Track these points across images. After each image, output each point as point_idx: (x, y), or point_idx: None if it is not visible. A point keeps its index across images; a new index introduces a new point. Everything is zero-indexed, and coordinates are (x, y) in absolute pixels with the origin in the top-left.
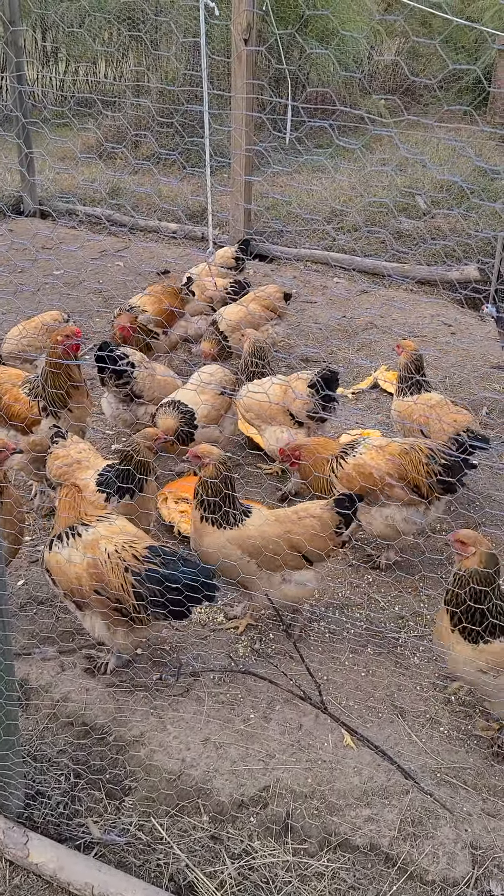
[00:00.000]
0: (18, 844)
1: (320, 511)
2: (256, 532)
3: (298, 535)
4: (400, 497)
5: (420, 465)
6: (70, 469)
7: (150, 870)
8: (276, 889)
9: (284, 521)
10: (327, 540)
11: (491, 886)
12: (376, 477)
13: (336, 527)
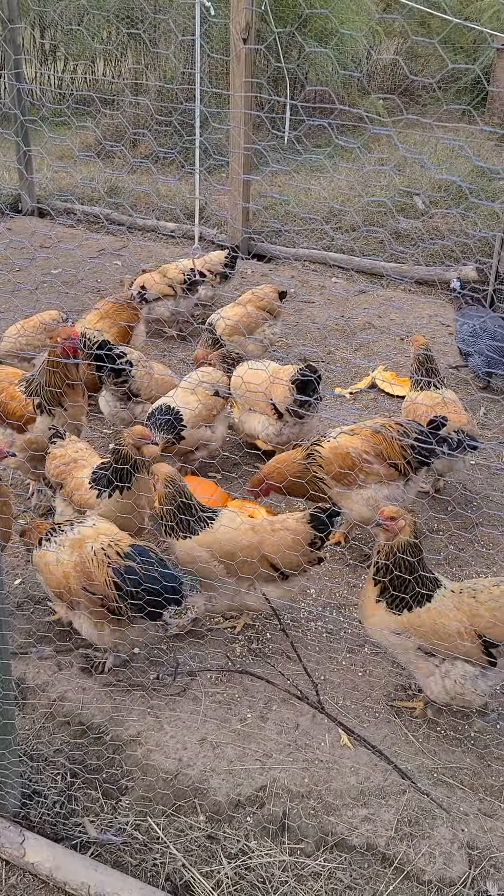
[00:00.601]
0: (15, 844)
1: (295, 524)
2: (226, 538)
3: (271, 546)
4: (378, 473)
5: (393, 441)
6: (68, 468)
7: (146, 869)
8: (272, 889)
9: (259, 531)
10: (300, 555)
11: (487, 886)
12: (353, 456)
13: (310, 542)
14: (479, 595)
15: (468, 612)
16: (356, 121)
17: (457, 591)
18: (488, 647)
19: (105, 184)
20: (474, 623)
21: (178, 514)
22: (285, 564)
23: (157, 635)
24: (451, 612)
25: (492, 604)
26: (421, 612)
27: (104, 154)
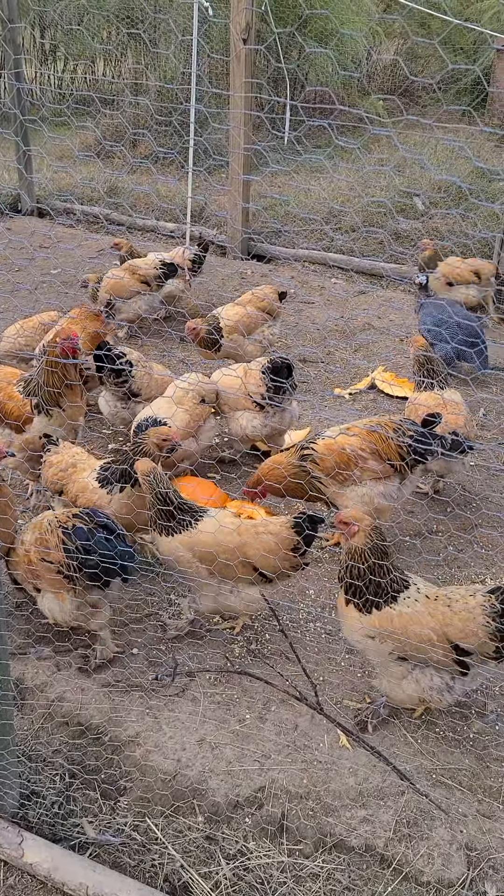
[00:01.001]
0: (13, 844)
1: (279, 528)
2: (210, 538)
3: (254, 550)
4: (375, 471)
5: (389, 439)
6: (66, 473)
7: (144, 870)
8: (270, 890)
9: (242, 534)
10: (282, 559)
11: (486, 888)
12: (349, 454)
13: (294, 547)
14: (454, 604)
15: (441, 620)
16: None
17: (432, 598)
18: (461, 656)
19: (105, 184)
20: (447, 631)
21: (158, 507)
22: (267, 568)
23: (155, 636)
24: (425, 618)
25: (465, 614)
26: (393, 616)
27: (104, 154)
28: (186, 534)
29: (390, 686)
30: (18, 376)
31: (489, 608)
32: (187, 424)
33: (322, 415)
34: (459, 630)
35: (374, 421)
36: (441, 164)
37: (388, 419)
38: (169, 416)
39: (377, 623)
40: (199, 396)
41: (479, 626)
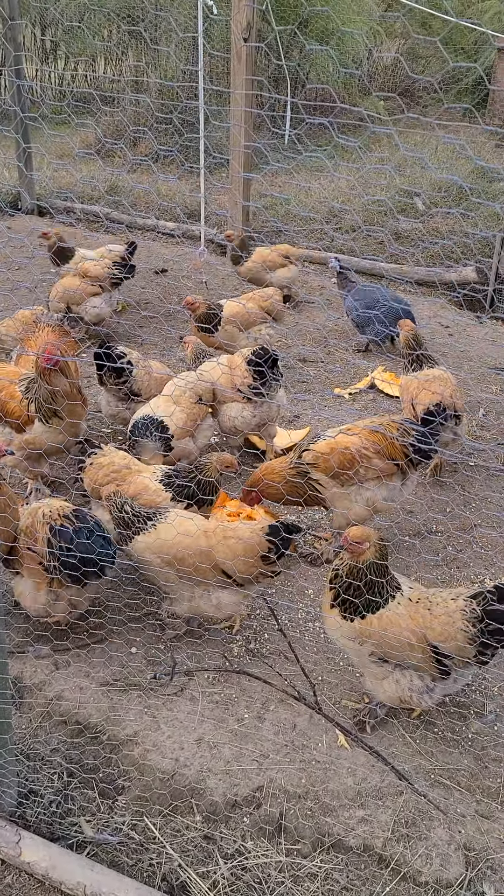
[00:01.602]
0: (10, 843)
1: (249, 534)
2: (176, 542)
3: (222, 555)
4: (379, 470)
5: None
6: (119, 475)
7: (142, 869)
8: (268, 889)
9: (212, 537)
10: (252, 565)
11: (484, 888)
12: (353, 453)
13: (264, 553)
14: (435, 608)
15: (421, 623)
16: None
17: (414, 601)
18: (440, 659)
19: (105, 182)
20: (427, 634)
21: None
22: (236, 574)
23: (154, 635)
24: (405, 620)
25: (444, 618)
26: (372, 620)
27: (104, 152)
28: (151, 536)
29: (373, 686)
30: (20, 375)
31: (469, 613)
32: (185, 424)
33: (322, 415)
34: (438, 633)
35: (374, 421)
36: (442, 163)
37: (390, 419)
38: (167, 414)
39: (358, 628)
40: (197, 396)
41: (457, 630)
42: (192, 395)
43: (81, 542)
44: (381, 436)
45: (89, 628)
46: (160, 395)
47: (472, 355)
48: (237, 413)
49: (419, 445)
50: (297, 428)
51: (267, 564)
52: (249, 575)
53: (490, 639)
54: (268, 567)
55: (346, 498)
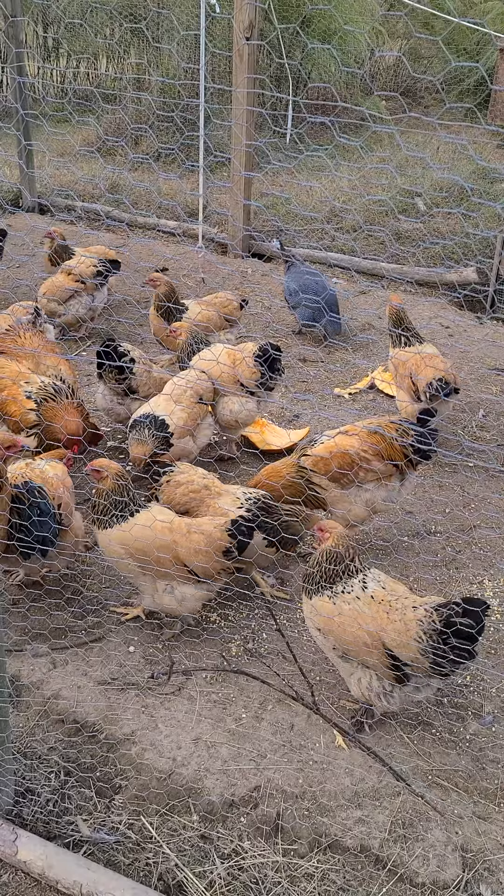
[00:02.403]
0: (7, 842)
1: (211, 529)
2: (140, 534)
3: (184, 549)
4: (380, 471)
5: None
6: (198, 496)
7: (139, 869)
8: (265, 889)
9: (175, 531)
10: (213, 561)
11: (481, 889)
12: (352, 456)
13: (225, 549)
14: (393, 612)
15: (378, 625)
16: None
17: (377, 600)
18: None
19: (106, 181)
20: (382, 637)
21: (111, 510)
22: (200, 569)
23: (152, 634)
24: (367, 619)
25: (400, 625)
26: (333, 612)
27: (105, 151)
28: (118, 529)
29: (346, 681)
30: (27, 377)
31: (426, 624)
32: (185, 422)
33: (322, 414)
34: (393, 639)
35: (373, 421)
36: (443, 163)
37: (388, 420)
38: (167, 413)
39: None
40: (197, 395)
41: (411, 639)
42: (192, 394)
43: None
44: (380, 437)
45: (87, 627)
46: (161, 393)
47: (472, 356)
48: (240, 407)
49: (418, 446)
50: (296, 428)
51: (229, 560)
52: (211, 570)
53: (446, 653)
54: (227, 564)
55: (345, 499)
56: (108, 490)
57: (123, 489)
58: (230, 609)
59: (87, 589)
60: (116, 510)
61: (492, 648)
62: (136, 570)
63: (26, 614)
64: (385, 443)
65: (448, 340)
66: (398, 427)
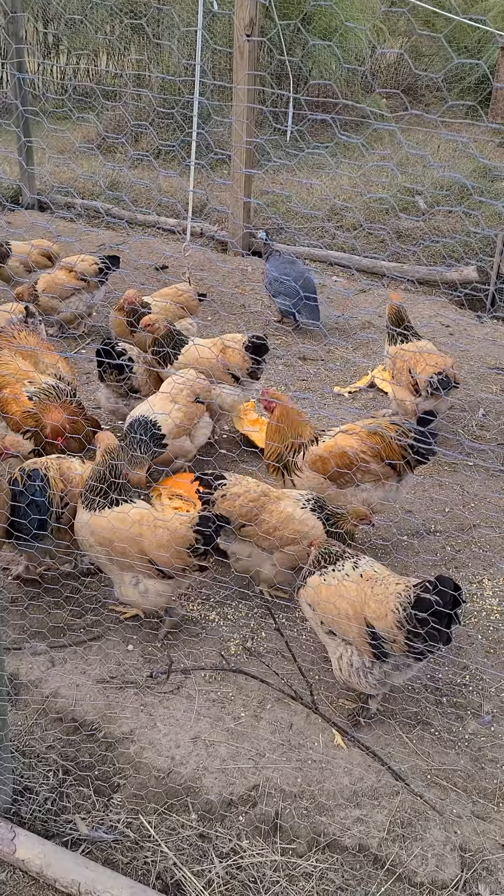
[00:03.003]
0: (5, 840)
1: (178, 525)
2: (108, 524)
3: (149, 543)
4: (376, 473)
5: (392, 441)
6: (258, 503)
7: (137, 867)
8: (263, 889)
9: (143, 524)
10: (176, 557)
11: (479, 889)
12: (351, 456)
13: (190, 546)
14: (376, 587)
15: (361, 599)
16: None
17: (365, 578)
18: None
19: (106, 178)
20: (364, 610)
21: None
22: (162, 563)
23: (151, 633)
24: (352, 590)
25: (381, 597)
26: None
27: (105, 148)
28: (92, 516)
29: (333, 663)
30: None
31: (403, 597)
32: (181, 422)
33: (322, 413)
34: (373, 611)
35: (373, 421)
36: (444, 161)
37: (389, 420)
38: (165, 412)
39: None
40: (194, 395)
41: (389, 610)
42: (189, 393)
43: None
44: (379, 437)
45: (86, 626)
46: (158, 392)
47: (472, 355)
48: (230, 394)
49: (417, 447)
50: None
51: (194, 557)
52: (176, 566)
53: (417, 627)
54: (196, 559)
55: (342, 498)
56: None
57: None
58: (229, 608)
59: (85, 587)
60: (99, 495)
61: (491, 648)
62: (103, 558)
63: (25, 612)
64: (384, 443)
65: (448, 339)
66: (398, 427)
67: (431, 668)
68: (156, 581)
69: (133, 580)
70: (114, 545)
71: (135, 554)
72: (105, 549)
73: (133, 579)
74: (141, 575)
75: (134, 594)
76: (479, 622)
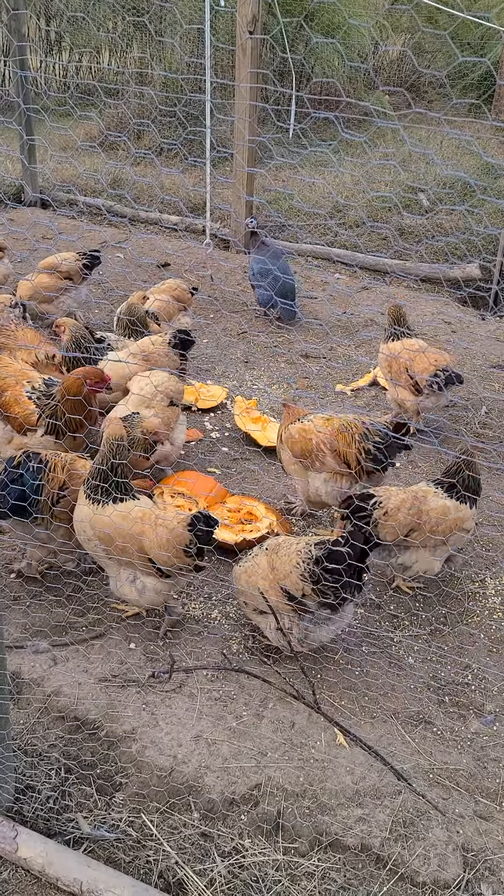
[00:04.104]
0: (7, 839)
1: (175, 524)
2: (109, 521)
3: (149, 541)
4: (329, 467)
5: (353, 441)
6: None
7: (139, 866)
8: (265, 888)
9: (144, 522)
10: (174, 555)
11: (482, 889)
12: (313, 443)
13: (186, 545)
14: (280, 552)
15: (270, 566)
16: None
17: (271, 550)
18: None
19: (108, 175)
20: (276, 576)
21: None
22: (161, 562)
23: (153, 632)
24: (265, 565)
25: (286, 559)
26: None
27: (108, 145)
28: (94, 511)
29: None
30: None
31: (304, 554)
32: (160, 427)
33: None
34: (283, 574)
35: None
36: (447, 159)
37: (359, 422)
38: (144, 418)
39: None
40: (168, 398)
41: (292, 566)
42: (163, 397)
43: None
44: (344, 437)
45: (88, 624)
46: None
47: (475, 353)
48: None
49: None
50: None
51: (188, 557)
52: (175, 565)
53: (321, 577)
54: (189, 560)
55: (301, 474)
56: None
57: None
58: (231, 606)
59: (87, 586)
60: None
61: (494, 647)
62: (101, 553)
63: (27, 611)
64: (344, 442)
65: (451, 337)
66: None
67: (434, 667)
68: (154, 579)
69: (130, 577)
70: (112, 542)
71: (135, 552)
72: (104, 545)
73: (130, 576)
74: (139, 572)
75: (131, 591)
76: (482, 621)
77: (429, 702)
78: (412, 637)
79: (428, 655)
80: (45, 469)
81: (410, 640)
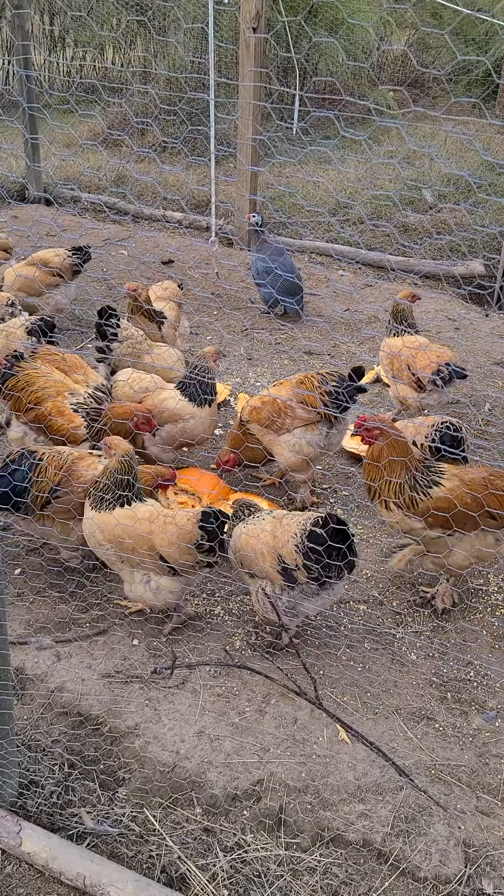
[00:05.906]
0: (11, 833)
1: (185, 521)
2: (116, 522)
3: (159, 540)
4: (301, 417)
5: (314, 388)
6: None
7: (142, 861)
8: (267, 883)
9: (154, 521)
10: (184, 553)
11: (483, 884)
12: (279, 403)
13: (197, 542)
14: (283, 523)
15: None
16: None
17: (277, 519)
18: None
19: (111, 173)
20: (276, 544)
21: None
22: (172, 560)
23: (156, 628)
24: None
25: (286, 528)
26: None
27: (111, 143)
28: (103, 514)
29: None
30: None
31: (301, 525)
32: None
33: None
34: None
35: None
36: (450, 156)
37: (315, 373)
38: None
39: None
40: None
41: (290, 536)
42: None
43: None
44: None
45: (91, 620)
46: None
47: (478, 350)
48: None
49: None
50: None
51: (201, 553)
52: (186, 563)
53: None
54: (202, 556)
55: (277, 444)
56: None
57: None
58: (234, 603)
59: (91, 582)
60: (111, 496)
61: (496, 644)
62: (112, 557)
63: (31, 607)
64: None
65: (454, 334)
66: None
67: (436, 663)
68: (168, 579)
69: (144, 578)
70: (123, 544)
71: (145, 551)
72: (114, 547)
73: (144, 577)
74: (152, 573)
75: (145, 592)
76: (484, 618)
77: (431, 698)
78: (414, 633)
79: (430, 652)
80: (38, 467)
81: (413, 637)
